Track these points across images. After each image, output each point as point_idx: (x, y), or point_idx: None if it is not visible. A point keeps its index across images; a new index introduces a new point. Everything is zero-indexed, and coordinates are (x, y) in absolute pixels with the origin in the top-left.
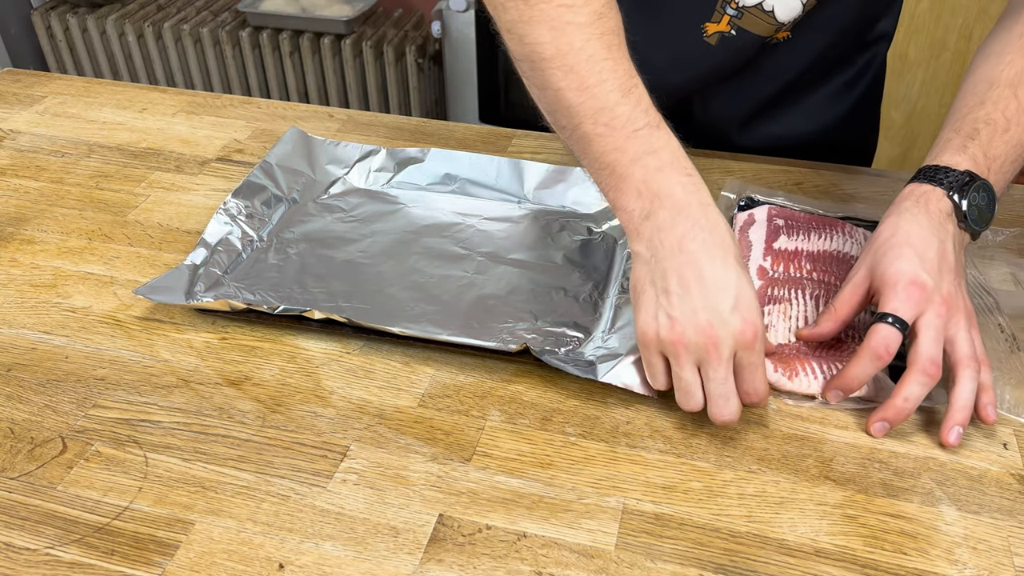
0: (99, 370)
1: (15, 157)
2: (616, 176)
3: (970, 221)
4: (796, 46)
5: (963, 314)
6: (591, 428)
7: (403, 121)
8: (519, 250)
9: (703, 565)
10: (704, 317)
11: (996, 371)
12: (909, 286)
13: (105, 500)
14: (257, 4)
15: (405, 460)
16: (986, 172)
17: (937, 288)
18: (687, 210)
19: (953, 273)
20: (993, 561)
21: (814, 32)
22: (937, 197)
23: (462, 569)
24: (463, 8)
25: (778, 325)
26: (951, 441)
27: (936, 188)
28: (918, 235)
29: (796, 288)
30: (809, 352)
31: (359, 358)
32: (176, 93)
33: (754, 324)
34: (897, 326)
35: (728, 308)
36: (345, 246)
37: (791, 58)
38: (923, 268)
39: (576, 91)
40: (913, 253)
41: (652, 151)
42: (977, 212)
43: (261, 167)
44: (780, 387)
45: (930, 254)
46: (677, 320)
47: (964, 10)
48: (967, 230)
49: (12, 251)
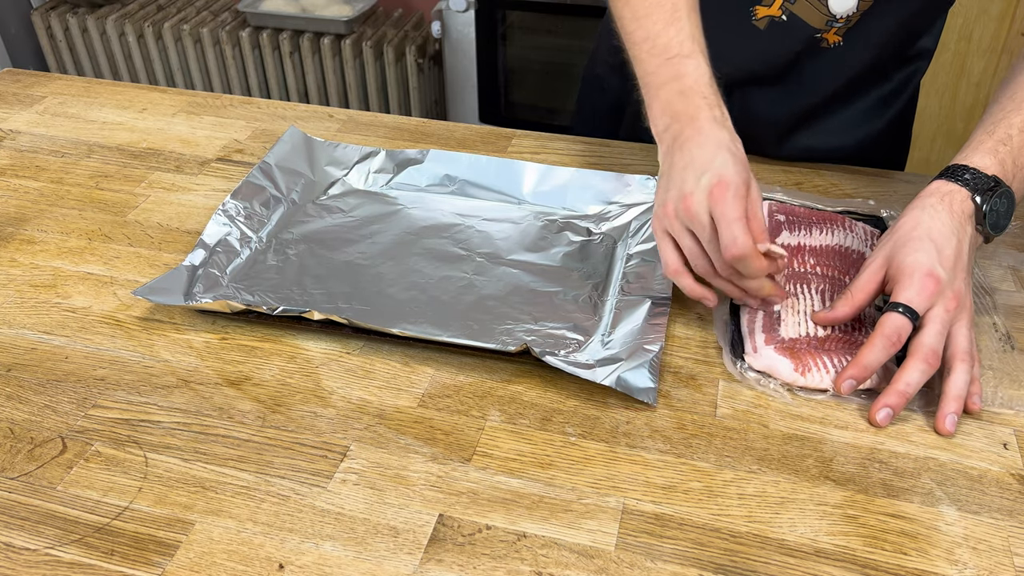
0: (99, 370)
1: (15, 157)
2: (649, 95)
3: (988, 225)
4: (844, 54)
5: (967, 312)
6: (591, 428)
7: (403, 121)
8: (518, 251)
9: (703, 565)
10: (686, 188)
11: (989, 369)
12: (925, 278)
13: (105, 500)
14: (257, 4)
15: (405, 460)
16: (1011, 179)
17: (950, 283)
18: (697, 123)
19: (965, 272)
20: (993, 561)
21: (863, 41)
22: (961, 198)
23: (462, 569)
24: (463, 8)
25: (787, 319)
26: (947, 428)
27: (962, 188)
28: (939, 231)
29: (801, 283)
30: (820, 347)
31: (359, 358)
32: (176, 93)
33: (723, 179)
34: (909, 316)
35: (705, 177)
36: (344, 247)
37: (838, 67)
38: (939, 263)
39: (631, 20)
40: (932, 247)
41: (678, 77)
42: (996, 217)
43: (260, 168)
44: (794, 383)
45: (948, 251)
46: (667, 199)
47: (964, 10)
48: (983, 233)
49: (12, 251)
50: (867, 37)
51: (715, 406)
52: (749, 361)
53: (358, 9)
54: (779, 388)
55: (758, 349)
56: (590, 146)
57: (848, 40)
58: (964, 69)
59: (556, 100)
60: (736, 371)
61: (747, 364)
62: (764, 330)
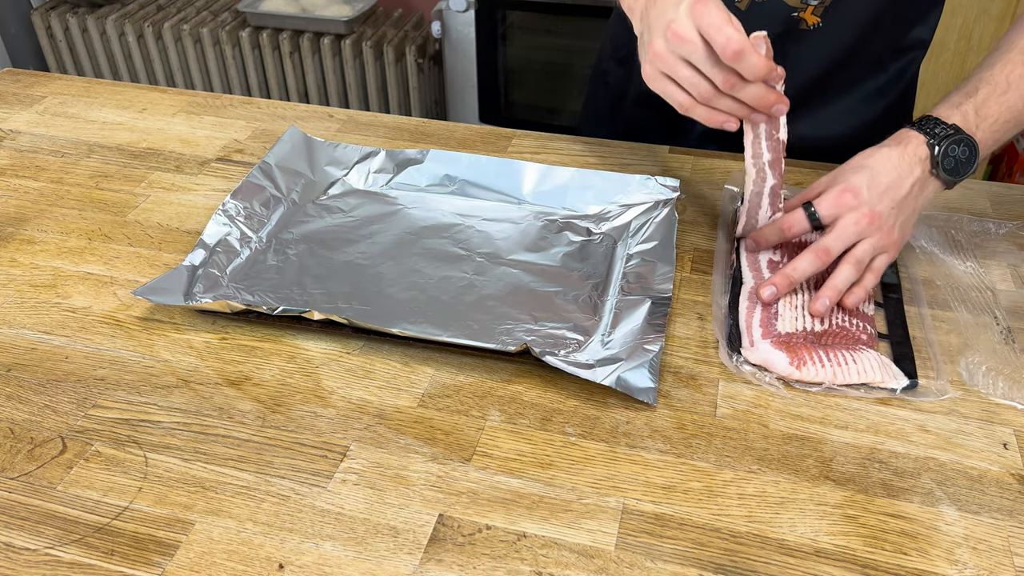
0: (99, 370)
1: (15, 157)
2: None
3: (942, 169)
4: (826, 36)
5: (884, 238)
6: (591, 428)
7: (403, 121)
8: (518, 251)
9: (703, 565)
10: (668, 18)
11: (990, 359)
12: (843, 192)
13: (105, 500)
14: (257, 4)
15: (405, 460)
16: (974, 129)
17: (870, 203)
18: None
19: (898, 204)
20: (993, 561)
21: (844, 21)
22: (917, 143)
23: (462, 569)
24: (463, 8)
25: (784, 314)
26: (817, 307)
27: (919, 134)
28: (880, 164)
29: None
30: (816, 341)
31: (359, 358)
32: (176, 93)
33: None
34: (811, 216)
35: (684, 3)
36: (344, 247)
37: (820, 50)
38: (867, 185)
39: None
40: (867, 173)
41: None
42: (953, 163)
43: (260, 168)
44: (789, 377)
45: (882, 179)
46: (652, 40)
47: (964, 10)
48: (940, 178)
49: (12, 251)
50: (847, 18)
51: (715, 406)
52: (745, 355)
53: (358, 9)
54: (775, 382)
55: (755, 343)
56: (590, 146)
57: (827, 21)
58: (964, 69)
59: (556, 100)
60: (732, 365)
61: (743, 358)
62: (761, 324)
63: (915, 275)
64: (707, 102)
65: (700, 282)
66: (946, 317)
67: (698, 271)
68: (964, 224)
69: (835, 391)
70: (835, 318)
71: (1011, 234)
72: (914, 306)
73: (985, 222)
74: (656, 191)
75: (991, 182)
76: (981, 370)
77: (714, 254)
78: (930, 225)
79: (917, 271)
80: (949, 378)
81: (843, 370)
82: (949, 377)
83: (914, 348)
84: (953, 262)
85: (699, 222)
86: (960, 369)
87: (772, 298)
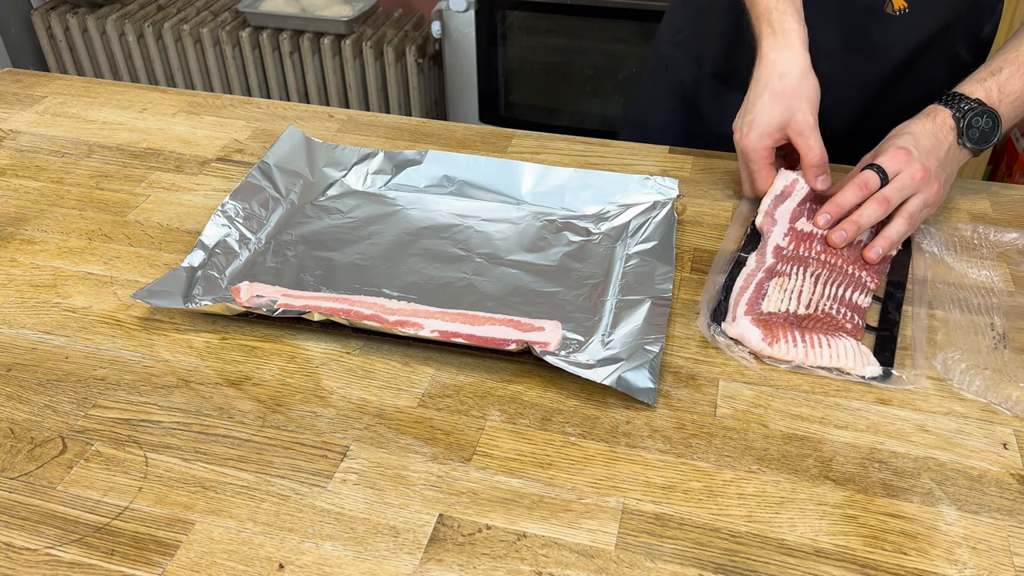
0: (99, 370)
1: (15, 157)
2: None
3: (967, 139)
4: (912, 22)
5: (931, 191)
6: (591, 428)
7: (403, 121)
8: (518, 251)
9: (703, 565)
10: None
11: (972, 358)
12: (898, 150)
13: (105, 500)
14: (257, 4)
15: (405, 460)
16: (996, 103)
17: (920, 159)
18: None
19: (939, 162)
20: (993, 561)
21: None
22: (944, 115)
23: (462, 569)
24: (463, 8)
25: (772, 296)
26: (870, 255)
27: (945, 108)
28: (918, 130)
29: (800, 265)
30: (795, 323)
31: (359, 358)
32: (176, 93)
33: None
34: (879, 172)
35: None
36: (343, 248)
37: (905, 35)
38: (915, 146)
39: None
40: (911, 137)
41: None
42: (978, 133)
43: (259, 168)
44: (761, 352)
45: (924, 141)
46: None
47: None
48: (967, 147)
49: (12, 251)
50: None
51: (715, 406)
52: (724, 327)
53: (358, 9)
54: (747, 355)
55: (736, 318)
56: (590, 146)
57: (913, 7)
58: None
59: (556, 100)
60: (708, 334)
61: (720, 329)
62: (748, 303)
63: (915, 275)
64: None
65: (700, 282)
66: (941, 317)
67: (698, 271)
68: (965, 226)
69: (804, 371)
70: (823, 304)
71: (1012, 237)
72: (911, 305)
73: (987, 225)
74: (655, 191)
75: (991, 182)
76: (960, 367)
77: (715, 254)
78: (932, 226)
79: (918, 271)
80: (925, 372)
81: (815, 352)
82: (925, 371)
83: (900, 343)
84: (954, 263)
85: (699, 222)
86: (936, 363)
87: (841, 241)
